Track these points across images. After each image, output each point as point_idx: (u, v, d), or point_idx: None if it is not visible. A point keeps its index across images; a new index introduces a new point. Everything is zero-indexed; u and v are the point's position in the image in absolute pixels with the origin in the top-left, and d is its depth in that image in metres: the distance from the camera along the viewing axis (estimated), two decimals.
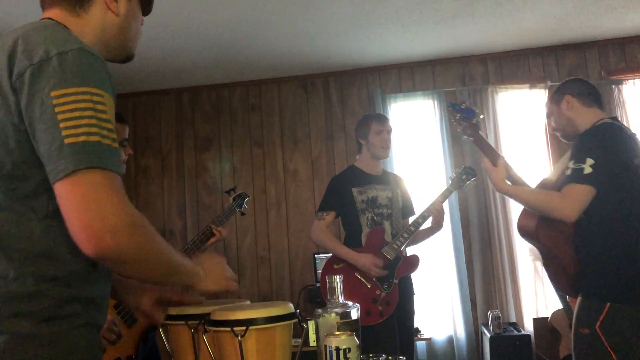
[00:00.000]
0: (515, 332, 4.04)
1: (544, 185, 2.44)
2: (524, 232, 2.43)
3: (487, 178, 2.48)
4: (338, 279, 1.43)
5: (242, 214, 3.07)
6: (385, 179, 3.26)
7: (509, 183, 2.44)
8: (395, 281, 3.04)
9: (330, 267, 3.05)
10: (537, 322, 4.24)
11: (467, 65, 4.67)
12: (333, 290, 1.43)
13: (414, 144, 4.61)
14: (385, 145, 3.20)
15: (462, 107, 2.59)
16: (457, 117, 2.58)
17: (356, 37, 4.10)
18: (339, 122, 4.79)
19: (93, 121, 0.99)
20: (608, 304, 2.09)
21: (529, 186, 2.47)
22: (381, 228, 3.10)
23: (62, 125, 0.97)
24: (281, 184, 4.78)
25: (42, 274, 1.02)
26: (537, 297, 4.32)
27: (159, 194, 4.90)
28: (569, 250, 2.32)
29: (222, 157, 4.89)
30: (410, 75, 4.74)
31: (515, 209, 4.41)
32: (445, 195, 3.20)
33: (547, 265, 2.44)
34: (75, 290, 1.06)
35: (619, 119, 4.28)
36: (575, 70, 4.53)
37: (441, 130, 4.51)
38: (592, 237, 2.19)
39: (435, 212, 3.12)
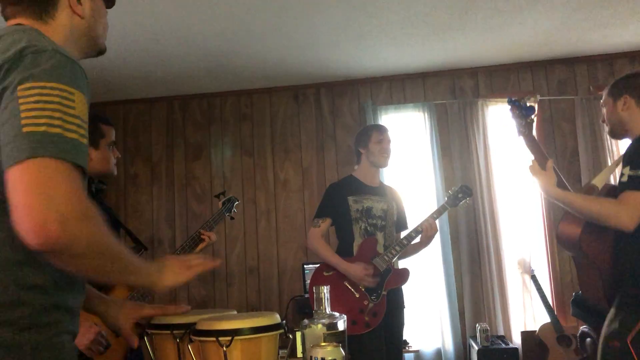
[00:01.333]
0: (503, 345, 4.04)
1: (587, 192, 2.34)
2: (565, 239, 2.32)
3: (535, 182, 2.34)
4: (325, 290, 1.42)
5: (232, 218, 3.06)
6: (382, 191, 3.27)
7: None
8: (384, 293, 3.04)
9: (320, 275, 3.05)
10: (525, 335, 4.25)
11: (457, 78, 4.71)
12: (320, 301, 1.42)
13: (405, 156, 4.62)
14: (386, 154, 3.22)
15: (523, 103, 2.50)
16: (517, 114, 2.48)
17: (348, 48, 4.12)
18: (330, 132, 4.80)
19: (57, 114, 0.97)
20: None
21: (573, 192, 2.35)
22: (374, 239, 3.10)
23: (22, 115, 0.95)
24: (271, 193, 4.78)
25: (23, 281, 1.01)
26: (525, 311, 4.33)
27: (148, 202, 4.87)
28: (610, 261, 2.21)
29: (213, 166, 4.88)
30: (401, 87, 4.76)
31: (504, 222, 4.43)
32: (440, 212, 3.23)
33: (581, 275, 2.35)
34: (56, 298, 1.05)
35: (608, 135, 4.36)
36: (565, 84, 4.57)
37: (431, 143, 4.53)
38: (635, 247, 2.08)
39: (429, 228, 3.12)
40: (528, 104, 2.52)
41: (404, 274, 3.16)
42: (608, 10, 3.68)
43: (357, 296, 2.99)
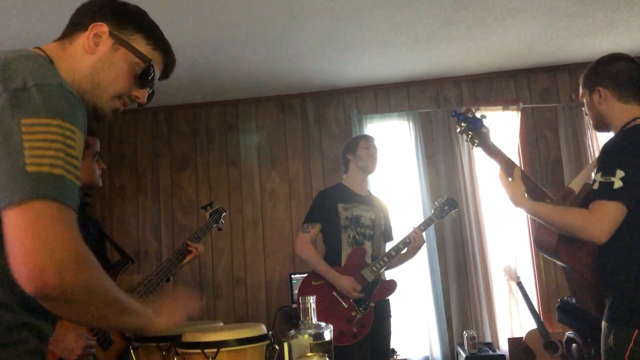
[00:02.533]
0: (491, 352, 4.05)
1: (565, 196, 2.17)
2: (543, 247, 2.18)
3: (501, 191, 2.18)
4: (311, 300, 1.42)
5: (219, 229, 3.04)
6: (370, 200, 3.28)
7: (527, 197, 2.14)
8: (372, 304, 3.04)
9: (309, 284, 3.04)
10: (512, 342, 4.27)
11: (441, 87, 4.75)
12: (306, 311, 1.42)
13: (390, 164, 4.64)
14: (373, 158, 3.25)
15: (468, 115, 2.29)
16: (463, 127, 2.30)
17: (333, 58, 4.14)
18: (316, 142, 4.81)
19: (60, 154, 0.95)
20: (637, 330, 1.86)
21: (550, 197, 2.18)
22: (362, 249, 3.10)
23: (26, 152, 0.92)
24: (258, 203, 4.77)
25: None
26: (512, 317, 4.35)
27: (134, 214, 4.84)
28: (591, 266, 2.08)
29: (199, 176, 4.86)
30: (386, 96, 4.79)
31: (490, 229, 4.46)
32: (427, 224, 3.26)
33: (570, 282, 2.23)
34: (24, 316, 1.03)
35: (590, 142, 4.42)
36: (547, 93, 4.63)
37: (416, 151, 4.56)
38: (619, 258, 1.93)
39: (416, 240, 3.15)
40: (478, 115, 2.32)
41: (391, 286, 3.17)
42: (587, 20, 3.74)
43: (346, 307, 2.98)
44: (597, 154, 4.18)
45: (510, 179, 2.16)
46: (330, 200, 3.18)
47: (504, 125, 4.52)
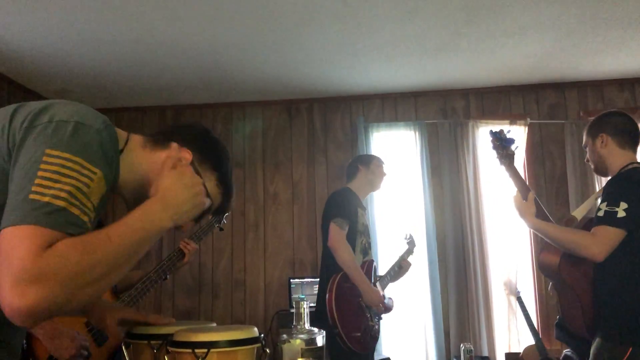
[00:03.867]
0: None
1: (567, 223, 2.48)
2: (546, 267, 2.43)
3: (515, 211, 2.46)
4: (305, 305, 1.42)
5: (221, 229, 3.03)
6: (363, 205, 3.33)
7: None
8: (381, 318, 3.09)
9: (342, 283, 2.93)
10: (509, 356, 4.24)
11: (449, 99, 4.75)
12: (299, 315, 1.42)
13: (395, 174, 4.64)
14: (383, 177, 3.31)
15: (504, 135, 2.64)
16: (498, 145, 2.62)
17: (342, 65, 4.15)
18: (321, 147, 4.81)
19: (67, 187, 0.94)
20: (630, 348, 2.06)
21: (552, 221, 2.47)
22: (373, 263, 3.14)
23: (36, 181, 0.92)
24: (260, 206, 4.78)
25: None
26: (510, 332, 4.33)
27: None
28: (589, 291, 2.31)
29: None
30: (393, 105, 4.79)
31: (492, 243, 4.45)
32: (408, 253, 3.52)
33: (562, 303, 2.43)
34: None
35: None
36: (555, 109, 4.62)
37: (422, 161, 4.55)
38: (616, 279, 2.18)
39: (405, 268, 3.40)
40: (509, 136, 2.65)
41: (392, 303, 3.22)
42: (598, 37, 3.73)
43: (368, 316, 2.99)
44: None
45: (524, 201, 2.44)
46: (353, 202, 3.12)
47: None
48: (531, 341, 4.03)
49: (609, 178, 2.34)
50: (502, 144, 2.62)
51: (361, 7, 3.25)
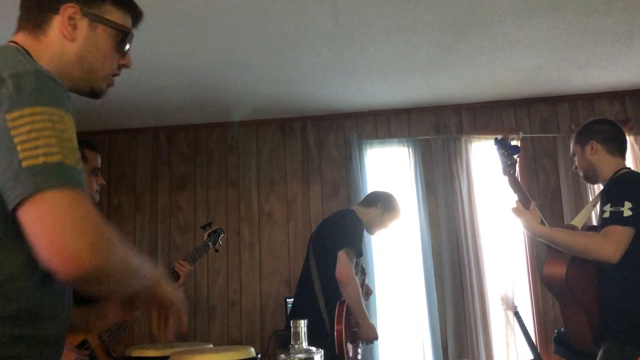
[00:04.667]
0: None
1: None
2: (551, 280, 2.38)
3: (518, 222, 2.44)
4: (302, 324, 1.41)
5: (216, 250, 2.99)
6: None
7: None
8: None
9: (344, 311, 2.90)
10: None
11: (441, 115, 4.77)
12: (297, 335, 1.41)
13: (389, 190, 4.63)
14: (382, 229, 3.33)
15: (509, 142, 2.57)
16: (503, 152, 2.55)
17: (334, 84, 4.17)
18: (316, 165, 4.81)
19: (52, 140, 0.94)
20: None
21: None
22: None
23: (19, 148, 0.92)
24: (255, 225, 4.76)
25: None
26: (508, 347, 4.30)
27: (131, 233, 4.83)
28: (596, 301, 2.28)
29: (197, 197, 4.86)
30: (386, 122, 4.81)
31: (488, 258, 4.44)
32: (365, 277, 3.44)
33: (567, 317, 2.38)
34: (23, 329, 0.99)
35: None
36: (547, 122, 4.65)
37: (415, 177, 4.56)
38: (625, 280, 2.17)
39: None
40: (513, 144, 2.60)
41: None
42: (587, 52, 3.77)
43: (359, 347, 3.04)
44: (596, 185, 4.28)
45: (527, 210, 2.41)
46: (362, 231, 3.14)
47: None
48: (530, 356, 4.01)
49: (606, 183, 2.35)
50: (507, 152, 2.55)
51: (353, 26, 3.27)
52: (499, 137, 2.63)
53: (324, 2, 2.99)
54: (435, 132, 4.73)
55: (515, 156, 2.56)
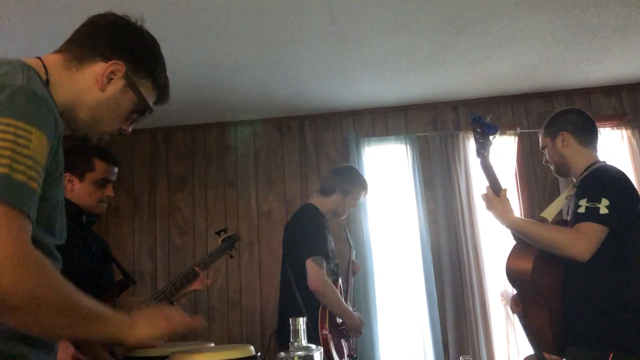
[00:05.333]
0: None
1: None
2: (515, 274, 2.27)
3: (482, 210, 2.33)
4: (301, 322, 1.41)
5: (231, 256, 2.93)
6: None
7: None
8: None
9: (327, 315, 2.83)
10: None
11: (438, 111, 4.77)
12: (296, 332, 1.41)
13: (387, 188, 4.64)
14: (349, 211, 3.21)
15: (486, 121, 2.36)
16: (479, 132, 2.35)
17: (331, 81, 4.17)
18: (314, 164, 4.81)
19: (6, 152, 0.90)
20: (612, 354, 1.96)
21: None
22: (338, 281, 3.07)
23: None
24: (254, 225, 4.76)
25: None
26: (509, 343, 4.31)
27: (130, 234, 4.83)
28: (558, 295, 2.19)
29: (195, 197, 4.86)
30: (384, 120, 4.81)
31: (487, 254, 4.44)
32: (352, 253, 3.37)
33: (528, 314, 2.28)
34: (7, 346, 0.99)
35: None
36: (544, 117, 4.61)
37: (414, 175, 4.56)
38: (594, 281, 2.07)
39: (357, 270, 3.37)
40: (491, 122, 2.41)
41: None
42: (583, 46, 3.78)
43: (351, 340, 3.02)
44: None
45: (497, 198, 2.27)
46: (324, 230, 2.98)
47: (501, 150, 4.54)
48: (530, 351, 4.01)
49: (583, 176, 2.22)
50: (484, 130, 2.34)
51: (349, 23, 3.27)
52: (476, 115, 2.43)
53: (319, 1, 2.99)
54: (433, 128, 4.74)
55: (490, 137, 2.36)
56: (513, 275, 2.29)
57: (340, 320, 2.94)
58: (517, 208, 4.42)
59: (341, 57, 3.73)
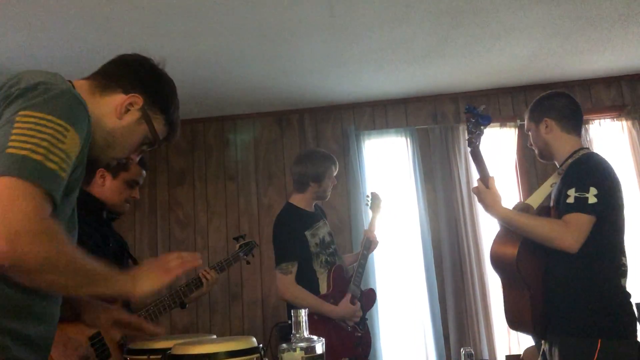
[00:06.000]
0: None
1: (523, 211, 2.30)
2: (500, 260, 2.27)
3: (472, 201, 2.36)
4: (303, 313, 1.42)
5: (248, 262, 2.93)
6: (319, 213, 3.16)
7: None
8: (367, 318, 3.02)
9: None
10: (510, 359, 4.23)
11: (439, 104, 4.76)
12: (298, 324, 1.41)
13: (387, 181, 4.64)
14: (332, 188, 3.11)
15: (480, 111, 2.34)
16: (472, 122, 2.33)
17: (330, 74, 4.16)
18: None
19: (44, 143, 1.01)
20: (600, 340, 2.00)
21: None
22: (340, 266, 3.01)
23: (12, 137, 1.00)
24: (255, 219, 4.76)
25: None
26: (509, 334, 4.32)
27: (131, 229, 4.83)
28: (541, 282, 2.20)
29: (196, 191, 4.86)
30: (384, 112, 4.81)
31: (487, 246, 4.44)
32: (374, 224, 3.31)
33: (509, 299, 2.30)
34: (5, 321, 1.04)
35: None
36: None
37: (414, 167, 4.56)
38: (578, 269, 2.09)
39: (374, 242, 3.28)
40: (484, 114, 2.38)
41: (372, 295, 3.18)
42: (583, 37, 3.77)
43: (350, 330, 2.93)
44: None
45: (487, 189, 2.28)
46: (296, 230, 2.94)
47: (501, 142, 4.54)
48: (531, 342, 4.03)
49: (569, 163, 2.22)
50: (477, 120, 2.32)
51: (348, 16, 3.26)
52: (469, 105, 2.40)
53: None
54: (433, 121, 4.73)
55: (482, 127, 2.34)
56: (497, 261, 2.30)
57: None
58: (517, 200, 4.42)
59: (341, 49, 3.73)
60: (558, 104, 2.33)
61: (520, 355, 4.09)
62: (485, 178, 2.31)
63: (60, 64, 3.61)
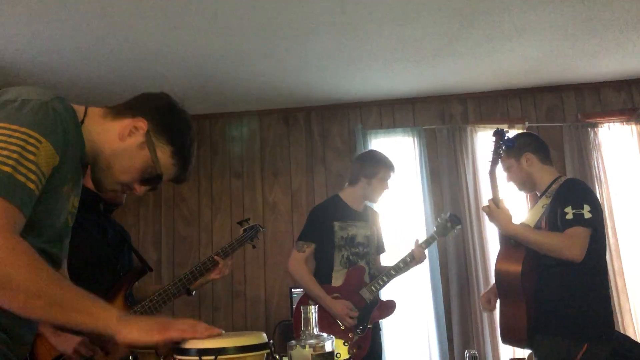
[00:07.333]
0: None
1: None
2: (504, 277, 2.48)
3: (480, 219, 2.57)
4: (313, 310, 1.39)
5: (254, 246, 2.90)
6: (366, 215, 3.19)
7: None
8: (369, 326, 2.98)
9: (307, 302, 2.93)
10: None
11: (447, 104, 4.74)
12: (307, 321, 1.39)
13: (393, 180, 4.61)
14: (383, 193, 3.16)
15: (508, 137, 2.60)
16: (500, 144, 2.59)
17: (338, 73, 4.14)
18: (320, 155, 4.79)
19: (14, 155, 1.03)
20: (586, 344, 2.21)
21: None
22: (361, 268, 3.02)
23: None
24: (260, 216, 4.74)
25: None
26: None
27: (135, 224, 4.82)
28: (534, 294, 2.44)
29: (201, 188, 4.85)
30: (391, 112, 4.78)
31: (493, 248, 4.42)
32: (429, 242, 3.16)
33: (506, 309, 2.49)
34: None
35: (595, 162, 4.41)
36: (553, 112, 4.62)
37: (420, 167, 4.54)
38: (570, 276, 2.35)
39: (419, 258, 3.07)
40: (511, 140, 2.64)
41: (390, 306, 3.11)
42: (594, 40, 3.74)
43: (343, 328, 2.92)
44: (601, 174, 4.30)
45: (498, 208, 2.53)
46: (326, 217, 3.05)
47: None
48: None
49: (558, 187, 2.49)
50: (502, 144, 2.59)
51: (358, 14, 3.24)
52: (501, 127, 2.70)
53: None
54: (441, 121, 4.71)
55: (502, 152, 2.60)
56: (503, 276, 2.51)
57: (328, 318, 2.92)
58: (524, 202, 4.39)
59: (349, 47, 3.70)
60: (530, 140, 2.66)
61: (524, 358, 4.06)
62: (497, 198, 2.55)
63: (72, 60, 3.60)
